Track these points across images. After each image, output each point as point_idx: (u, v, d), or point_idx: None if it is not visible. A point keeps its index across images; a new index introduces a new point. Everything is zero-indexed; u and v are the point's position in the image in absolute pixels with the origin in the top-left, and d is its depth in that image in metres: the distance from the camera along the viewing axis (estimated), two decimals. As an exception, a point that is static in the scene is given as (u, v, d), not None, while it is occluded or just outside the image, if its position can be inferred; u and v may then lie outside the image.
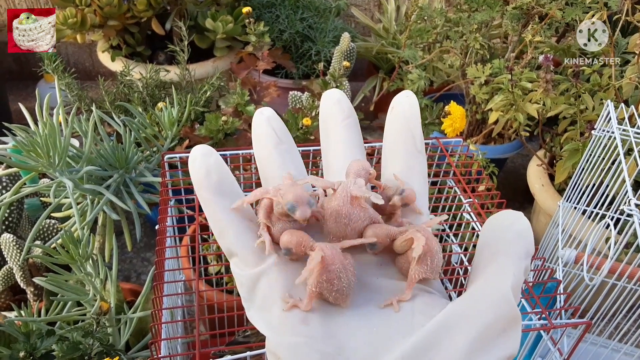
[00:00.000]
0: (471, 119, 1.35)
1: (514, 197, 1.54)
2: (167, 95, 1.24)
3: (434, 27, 1.38)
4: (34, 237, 0.79)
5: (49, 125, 0.72)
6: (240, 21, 1.50)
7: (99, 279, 0.68)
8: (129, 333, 0.82)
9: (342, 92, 0.29)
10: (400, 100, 0.27)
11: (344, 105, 0.29)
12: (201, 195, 0.24)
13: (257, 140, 0.27)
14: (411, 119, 0.27)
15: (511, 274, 0.21)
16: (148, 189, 0.92)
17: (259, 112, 0.28)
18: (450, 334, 0.20)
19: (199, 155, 0.24)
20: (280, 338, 0.21)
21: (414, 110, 0.27)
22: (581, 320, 0.61)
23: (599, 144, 0.86)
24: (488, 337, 0.19)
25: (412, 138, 0.27)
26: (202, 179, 0.24)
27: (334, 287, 0.22)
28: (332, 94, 0.29)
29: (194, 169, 0.24)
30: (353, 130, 0.28)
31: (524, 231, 0.22)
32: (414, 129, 0.27)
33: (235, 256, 0.24)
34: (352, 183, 0.23)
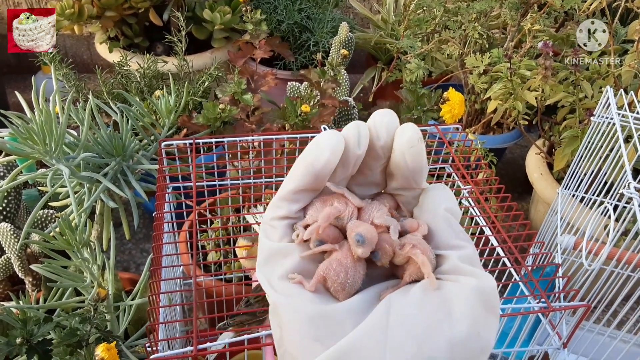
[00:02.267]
0: (470, 108, 1.35)
1: (513, 187, 1.54)
2: (165, 86, 1.24)
3: (433, 17, 1.37)
4: (31, 224, 0.79)
5: (44, 112, 0.72)
6: (238, 12, 1.49)
7: (97, 265, 0.68)
8: (128, 321, 0.82)
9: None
10: (402, 149, 0.25)
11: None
12: (297, 171, 0.25)
13: (332, 156, 0.25)
14: (414, 170, 0.25)
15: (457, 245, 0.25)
16: (146, 177, 0.92)
17: (356, 137, 0.25)
18: (446, 295, 0.24)
19: (330, 148, 0.24)
20: (282, 299, 0.23)
21: (417, 162, 0.25)
22: (580, 303, 0.60)
23: (598, 131, 0.86)
24: (479, 306, 0.23)
25: (415, 183, 0.26)
26: (311, 169, 0.24)
27: (339, 278, 0.23)
28: (379, 131, 0.26)
29: (316, 153, 0.24)
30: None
31: (447, 202, 0.26)
32: (417, 178, 0.26)
33: (268, 228, 0.26)
34: (376, 209, 0.25)
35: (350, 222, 0.24)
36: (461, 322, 0.22)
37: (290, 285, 0.24)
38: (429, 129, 0.81)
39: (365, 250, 0.23)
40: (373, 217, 0.25)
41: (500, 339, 0.76)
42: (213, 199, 0.98)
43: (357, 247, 0.23)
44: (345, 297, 0.23)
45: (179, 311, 0.80)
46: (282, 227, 0.25)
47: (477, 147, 1.03)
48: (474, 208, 0.73)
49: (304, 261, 0.25)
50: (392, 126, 0.25)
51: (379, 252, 0.24)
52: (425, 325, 0.22)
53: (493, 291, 0.23)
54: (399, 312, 0.22)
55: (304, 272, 0.24)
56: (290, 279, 0.24)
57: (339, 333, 0.22)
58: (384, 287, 0.25)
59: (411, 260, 0.24)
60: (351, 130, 0.25)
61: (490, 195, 0.75)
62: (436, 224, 0.25)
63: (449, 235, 0.25)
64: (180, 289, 0.81)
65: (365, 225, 0.24)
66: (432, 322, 0.22)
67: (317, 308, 0.23)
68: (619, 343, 0.80)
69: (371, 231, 0.24)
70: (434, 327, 0.21)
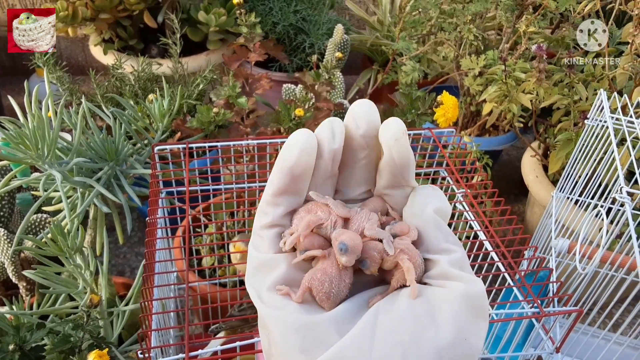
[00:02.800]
0: (465, 110, 1.35)
1: (509, 189, 1.54)
2: (159, 89, 1.24)
3: (428, 19, 1.37)
4: (24, 230, 0.79)
5: (37, 117, 0.72)
6: (234, 14, 1.49)
7: (89, 271, 0.68)
8: (122, 326, 0.81)
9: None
10: (388, 143, 0.25)
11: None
12: (274, 177, 0.25)
13: (306, 153, 0.25)
14: (401, 165, 0.25)
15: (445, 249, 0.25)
16: (139, 181, 0.92)
17: (329, 132, 0.25)
18: (430, 303, 0.24)
19: (299, 146, 0.24)
20: (269, 311, 0.23)
21: (403, 156, 0.25)
22: (572, 309, 0.61)
23: (591, 134, 0.86)
24: (465, 313, 0.23)
25: (403, 180, 0.26)
26: (284, 170, 0.24)
27: (324, 288, 0.23)
28: (359, 120, 0.26)
29: (287, 153, 0.24)
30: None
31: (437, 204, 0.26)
32: (405, 173, 0.26)
33: (256, 239, 0.26)
34: (366, 218, 0.25)
35: (334, 231, 0.24)
36: (447, 328, 0.22)
37: (277, 297, 0.24)
38: (424, 132, 0.81)
39: (350, 258, 0.23)
40: (363, 228, 0.25)
41: (493, 343, 0.76)
42: (207, 204, 0.97)
43: (341, 256, 0.23)
44: (331, 306, 0.24)
45: (173, 317, 0.80)
46: (270, 237, 0.25)
47: (472, 150, 1.03)
48: (469, 212, 0.73)
49: (292, 271, 0.24)
50: (370, 114, 0.25)
51: (367, 261, 0.24)
52: (411, 332, 0.21)
53: (481, 296, 0.23)
54: (385, 321, 0.22)
55: (292, 282, 0.24)
56: (278, 290, 0.24)
57: (326, 343, 0.22)
58: (372, 294, 0.25)
59: (399, 265, 0.24)
60: (324, 125, 0.25)
61: (485, 199, 0.75)
62: (425, 227, 0.25)
63: (439, 238, 0.25)
64: (174, 295, 0.80)
65: (349, 234, 0.24)
66: (418, 330, 0.22)
67: (303, 319, 0.23)
68: (614, 345, 0.80)
69: (355, 239, 0.23)
70: (420, 334, 0.21)
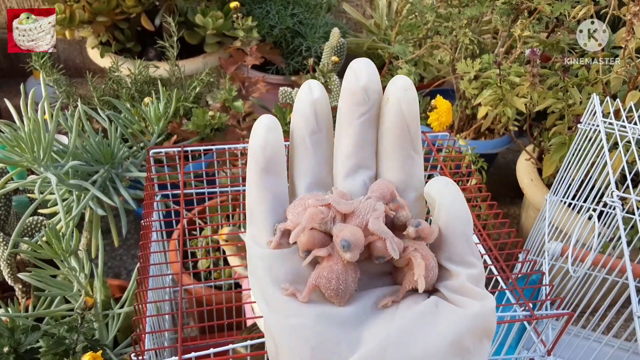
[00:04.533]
0: (461, 114, 1.35)
1: (505, 192, 1.55)
2: (155, 91, 1.24)
3: (425, 23, 1.38)
4: (20, 232, 0.79)
5: (33, 121, 0.72)
6: (231, 17, 1.49)
7: (84, 274, 0.68)
8: (117, 328, 0.82)
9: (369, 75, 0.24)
10: (397, 94, 0.24)
11: (369, 95, 0.25)
12: (249, 166, 0.25)
13: (294, 120, 0.25)
14: (409, 118, 0.24)
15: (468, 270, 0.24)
16: (135, 184, 0.92)
17: (307, 88, 0.25)
18: (444, 313, 0.23)
19: (263, 127, 0.24)
20: (276, 318, 0.23)
21: (412, 108, 0.24)
22: (563, 312, 0.61)
23: (584, 138, 0.87)
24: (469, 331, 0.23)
25: (411, 141, 0.25)
26: (257, 151, 0.24)
27: (331, 285, 0.23)
28: (359, 72, 0.24)
29: (253, 137, 0.24)
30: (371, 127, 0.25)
31: (459, 212, 0.24)
32: (412, 129, 0.24)
33: (253, 230, 0.25)
34: (371, 210, 0.24)
35: (335, 227, 0.23)
36: (452, 347, 0.22)
37: (283, 298, 0.23)
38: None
39: (354, 254, 0.23)
40: (367, 221, 0.23)
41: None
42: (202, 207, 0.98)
43: (345, 253, 0.23)
44: (341, 301, 0.23)
45: (168, 319, 0.80)
46: (267, 226, 0.24)
47: (467, 153, 1.03)
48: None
49: (296, 267, 0.24)
50: (370, 67, 0.24)
51: (382, 258, 0.23)
52: (422, 352, 0.21)
53: (491, 315, 0.23)
54: (395, 338, 0.22)
55: (298, 277, 0.24)
56: (283, 290, 0.23)
57: (337, 354, 0.22)
58: (381, 294, 0.24)
59: (411, 264, 0.23)
60: (302, 87, 0.25)
61: (478, 203, 0.76)
62: (454, 237, 0.24)
63: (465, 250, 0.24)
64: (169, 298, 0.81)
65: (350, 228, 0.23)
66: (429, 349, 0.21)
67: (312, 329, 0.22)
68: (605, 347, 0.80)
69: (356, 234, 0.23)
70: (430, 354, 0.21)
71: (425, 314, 0.22)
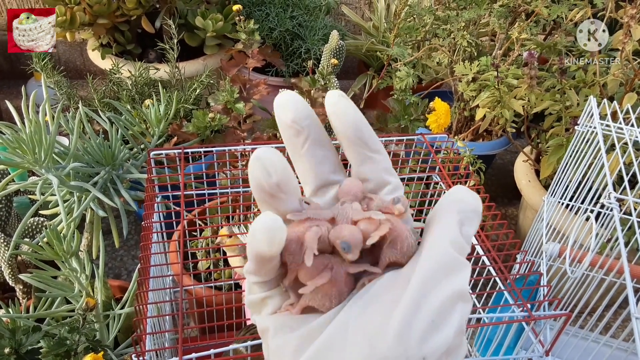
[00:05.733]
0: (459, 115, 1.36)
1: (503, 193, 1.55)
2: (156, 93, 1.25)
3: (423, 25, 1.39)
4: (21, 234, 0.79)
5: (34, 123, 0.73)
6: (231, 19, 1.50)
7: (85, 275, 0.69)
8: (118, 329, 0.82)
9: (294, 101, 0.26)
10: (329, 110, 0.25)
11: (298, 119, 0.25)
12: (257, 197, 0.24)
13: (279, 124, 0.26)
14: (347, 126, 0.25)
15: (447, 230, 0.23)
16: (136, 185, 0.93)
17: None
18: (404, 279, 0.22)
19: (260, 159, 0.24)
20: (266, 322, 0.24)
21: (347, 117, 0.25)
22: (560, 312, 0.62)
23: (582, 140, 0.88)
24: (436, 279, 0.21)
25: (360, 145, 0.25)
26: (260, 183, 0.24)
27: (325, 306, 0.23)
28: (284, 109, 0.25)
29: (253, 170, 0.24)
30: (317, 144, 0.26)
31: (459, 195, 0.25)
32: (356, 134, 0.25)
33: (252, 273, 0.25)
34: (351, 209, 0.24)
35: (332, 232, 0.24)
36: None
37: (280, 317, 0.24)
38: (416, 138, 0.82)
39: (354, 253, 0.23)
40: (351, 217, 0.24)
41: (485, 346, 0.77)
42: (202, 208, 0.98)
43: (346, 254, 0.23)
44: (329, 309, 0.23)
45: (169, 320, 0.81)
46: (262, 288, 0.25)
47: (465, 155, 1.04)
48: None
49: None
50: (294, 98, 0.25)
51: (348, 243, 0.23)
52: (379, 319, 0.21)
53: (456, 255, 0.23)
54: (355, 312, 0.22)
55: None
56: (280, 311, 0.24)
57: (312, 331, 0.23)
58: (360, 283, 0.24)
59: (385, 238, 0.23)
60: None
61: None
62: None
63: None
64: (170, 299, 0.81)
65: (347, 229, 0.23)
66: (386, 314, 0.21)
67: (302, 330, 0.23)
68: (603, 347, 0.81)
69: (353, 232, 0.23)
70: (385, 320, 0.21)
71: (389, 281, 0.23)
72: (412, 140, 0.83)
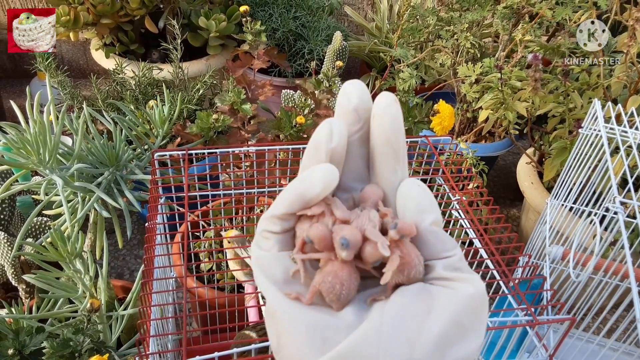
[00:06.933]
0: (462, 117, 1.36)
1: (505, 194, 1.55)
2: (159, 93, 1.25)
3: (426, 26, 1.39)
4: (25, 234, 0.79)
5: (39, 123, 0.73)
6: (234, 19, 1.50)
7: (89, 276, 0.69)
8: (120, 330, 0.82)
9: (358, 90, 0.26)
10: (379, 111, 0.26)
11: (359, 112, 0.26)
12: (297, 193, 0.25)
13: (307, 155, 0.26)
14: (391, 133, 0.26)
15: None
16: (139, 186, 0.93)
17: (328, 132, 0.25)
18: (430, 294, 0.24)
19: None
20: (282, 305, 0.24)
21: (394, 124, 0.25)
22: (565, 317, 0.61)
23: (586, 142, 0.87)
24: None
25: (395, 156, 0.26)
26: (317, 190, 0.24)
27: (335, 290, 0.24)
28: (350, 95, 0.26)
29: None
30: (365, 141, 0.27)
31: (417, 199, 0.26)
32: (395, 144, 0.26)
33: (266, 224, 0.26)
34: (368, 220, 0.25)
35: (334, 226, 0.24)
36: (448, 326, 0.22)
37: (287, 297, 0.24)
38: (420, 140, 0.82)
39: (350, 253, 0.24)
40: (365, 229, 0.25)
41: (488, 349, 0.77)
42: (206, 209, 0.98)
43: (342, 251, 0.23)
44: (340, 306, 0.24)
45: (172, 321, 0.81)
46: (275, 239, 0.26)
47: (468, 157, 1.04)
48: (465, 220, 0.74)
49: (290, 268, 0.25)
50: (361, 89, 0.26)
51: (376, 262, 0.24)
52: (417, 328, 0.22)
53: (484, 294, 0.23)
54: (390, 317, 0.23)
55: (291, 278, 0.25)
56: (287, 296, 0.24)
57: (336, 341, 0.23)
58: (370, 294, 0.25)
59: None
60: (323, 126, 0.25)
61: (480, 207, 0.76)
62: (422, 237, 0.25)
63: (437, 248, 0.25)
64: (173, 301, 0.81)
65: (350, 229, 0.24)
66: (422, 324, 0.22)
67: (314, 317, 0.23)
68: (608, 351, 0.81)
69: (355, 234, 0.24)
70: (423, 329, 0.22)
71: (418, 295, 0.23)
72: (415, 143, 0.83)
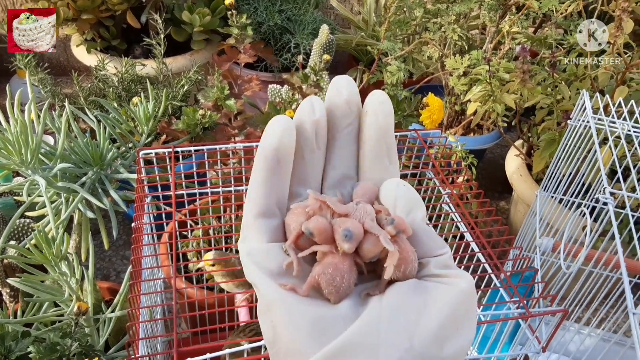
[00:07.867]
0: (450, 110, 1.36)
1: (494, 186, 1.56)
2: (143, 90, 1.22)
3: (413, 19, 1.38)
4: (8, 236, 0.77)
5: (20, 122, 0.70)
6: (218, 13, 1.48)
7: (75, 279, 0.67)
8: (108, 333, 0.81)
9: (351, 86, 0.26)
10: (374, 107, 0.26)
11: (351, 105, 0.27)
12: (257, 164, 0.25)
13: (297, 135, 0.26)
14: (385, 130, 0.26)
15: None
16: (125, 185, 0.91)
17: (309, 106, 0.26)
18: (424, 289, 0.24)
19: (280, 127, 0.24)
20: (275, 294, 0.23)
21: (387, 120, 0.26)
22: (557, 309, 0.61)
23: (574, 134, 0.87)
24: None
25: (387, 152, 0.26)
26: (269, 150, 0.24)
27: (334, 282, 0.24)
28: (340, 87, 0.26)
29: (268, 136, 0.24)
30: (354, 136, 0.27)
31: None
32: (388, 140, 0.26)
33: (248, 233, 0.25)
34: (365, 213, 0.25)
35: (336, 220, 0.24)
36: (444, 319, 0.22)
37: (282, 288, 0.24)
38: (410, 134, 0.81)
39: (352, 245, 0.24)
40: (364, 221, 0.25)
41: (481, 343, 0.77)
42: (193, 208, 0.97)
43: (344, 243, 0.23)
44: (338, 299, 0.24)
45: (160, 323, 0.79)
46: (263, 228, 0.25)
47: (457, 150, 1.03)
48: (455, 214, 0.73)
49: (283, 261, 0.24)
50: (350, 83, 0.26)
51: (374, 257, 0.24)
52: (415, 320, 0.22)
53: (473, 290, 0.24)
54: (388, 310, 0.23)
55: (285, 271, 0.24)
56: (282, 286, 0.24)
57: (334, 333, 0.22)
58: (363, 288, 0.25)
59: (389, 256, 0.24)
60: (304, 102, 0.26)
61: (470, 200, 0.76)
62: (416, 234, 0.25)
63: (430, 246, 0.25)
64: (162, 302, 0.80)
65: (352, 221, 0.24)
66: (420, 317, 0.22)
67: (312, 308, 0.23)
68: (600, 342, 0.81)
69: (358, 227, 0.24)
70: (421, 322, 0.22)
71: (415, 289, 0.23)
72: (405, 137, 0.82)
